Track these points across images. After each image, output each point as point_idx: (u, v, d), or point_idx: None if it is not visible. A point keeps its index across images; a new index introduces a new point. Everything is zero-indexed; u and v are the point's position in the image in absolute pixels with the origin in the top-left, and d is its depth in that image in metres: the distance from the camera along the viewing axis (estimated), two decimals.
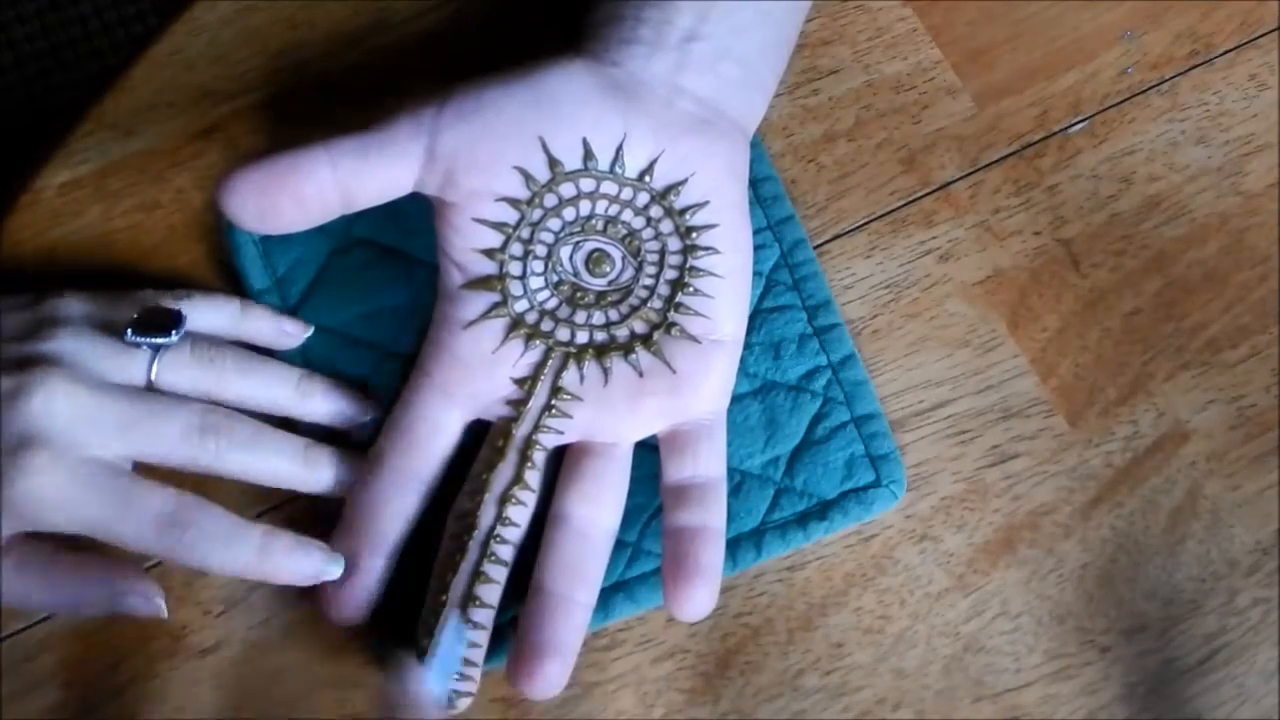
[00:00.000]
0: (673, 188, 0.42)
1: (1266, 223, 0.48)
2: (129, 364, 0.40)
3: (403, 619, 0.41)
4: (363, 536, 0.41)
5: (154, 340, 0.40)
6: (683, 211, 0.42)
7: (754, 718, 0.43)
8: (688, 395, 0.42)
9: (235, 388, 0.42)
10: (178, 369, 0.41)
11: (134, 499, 0.38)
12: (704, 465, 0.42)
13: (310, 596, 0.41)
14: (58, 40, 1.07)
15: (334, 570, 0.40)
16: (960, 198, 0.47)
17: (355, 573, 0.41)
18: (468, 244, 0.42)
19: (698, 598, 0.40)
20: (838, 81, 0.47)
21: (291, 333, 0.44)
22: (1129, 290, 0.47)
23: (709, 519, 0.41)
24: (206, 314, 0.42)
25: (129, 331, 0.40)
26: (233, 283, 0.45)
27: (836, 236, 0.47)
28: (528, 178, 0.41)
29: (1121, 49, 0.49)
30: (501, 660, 0.41)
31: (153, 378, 0.40)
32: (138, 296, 0.42)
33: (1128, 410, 0.46)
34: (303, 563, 0.40)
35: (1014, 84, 0.49)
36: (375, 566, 0.41)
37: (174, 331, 0.40)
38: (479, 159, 0.41)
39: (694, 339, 0.42)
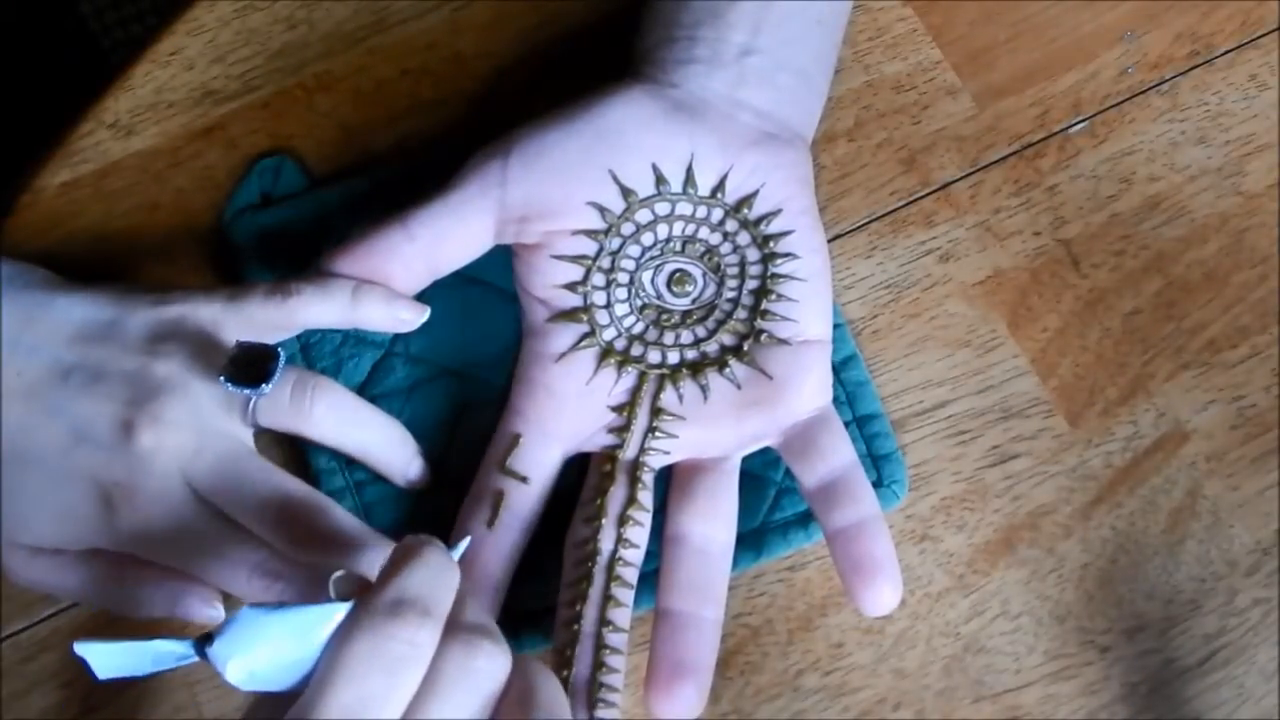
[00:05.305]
0: (746, 200, 0.42)
1: (1266, 223, 0.48)
2: (232, 403, 0.40)
3: None
4: (468, 579, 0.40)
5: (247, 390, 0.39)
6: (757, 222, 0.42)
7: (754, 718, 0.43)
8: (789, 398, 0.42)
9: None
10: (275, 415, 0.41)
11: None
12: (832, 458, 0.41)
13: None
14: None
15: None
16: (960, 198, 0.47)
17: None
18: (549, 280, 0.42)
19: (886, 594, 0.40)
20: (838, 82, 0.47)
21: (407, 318, 0.42)
22: (1129, 290, 0.47)
23: (862, 510, 0.41)
24: (317, 307, 0.41)
25: (224, 378, 0.38)
26: (231, 284, 0.45)
27: (836, 237, 0.47)
28: (603, 211, 0.42)
29: (1121, 49, 0.49)
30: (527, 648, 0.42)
31: (252, 423, 0.40)
32: (247, 303, 0.41)
33: (1128, 410, 0.46)
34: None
35: (1014, 84, 0.49)
36: (481, 604, 0.41)
37: (267, 382, 0.38)
38: (552, 203, 0.41)
39: (784, 342, 0.42)
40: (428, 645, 0.33)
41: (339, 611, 0.33)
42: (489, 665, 0.34)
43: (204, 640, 0.33)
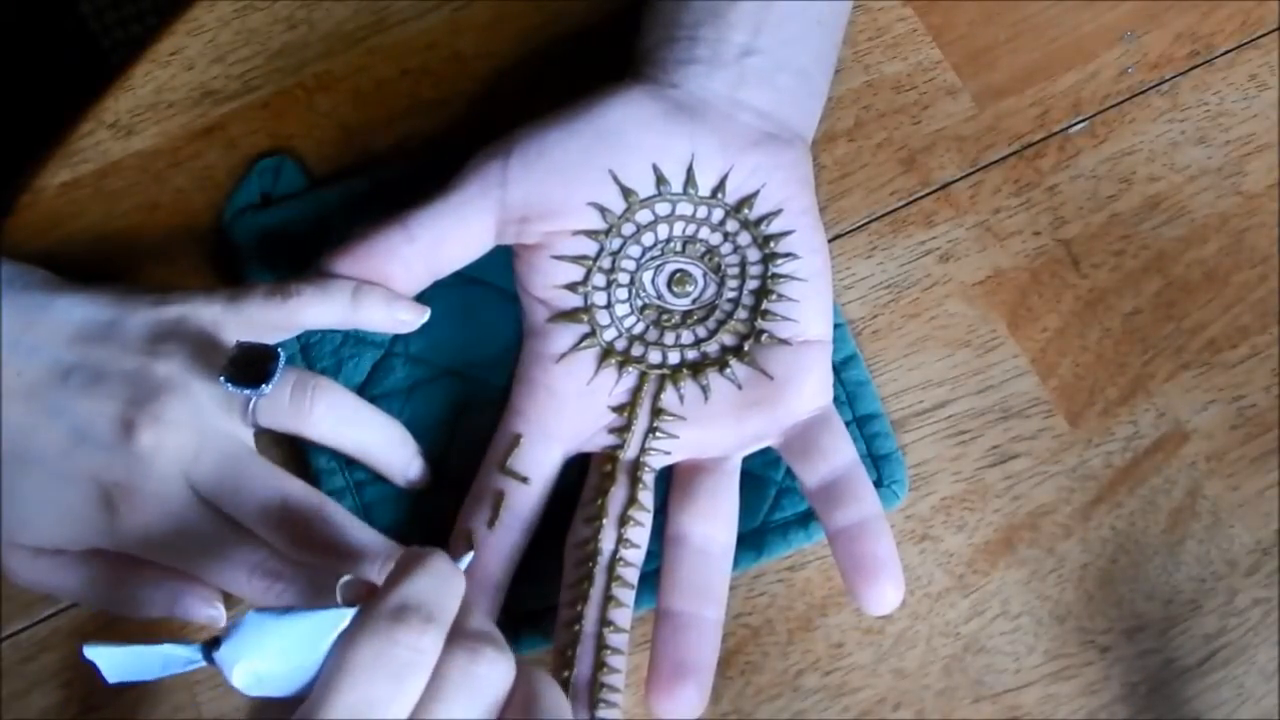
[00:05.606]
0: (746, 200, 0.42)
1: (1266, 223, 0.48)
2: (232, 404, 0.40)
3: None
4: (469, 581, 0.41)
5: (247, 391, 0.39)
6: (758, 222, 0.42)
7: (754, 718, 0.43)
8: (790, 398, 0.42)
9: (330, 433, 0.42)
10: (275, 415, 0.41)
11: None
12: (834, 458, 0.41)
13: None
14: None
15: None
16: (960, 198, 0.47)
17: None
18: (549, 281, 0.42)
19: (888, 593, 0.40)
20: (838, 82, 0.47)
21: (407, 319, 0.42)
22: (1129, 290, 0.47)
23: (864, 510, 0.41)
24: (317, 308, 0.41)
25: (224, 379, 0.38)
26: (231, 285, 0.45)
27: (837, 237, 0.47)
28: (603, 211, 0.42)
29: (1121, 49, 0.49)
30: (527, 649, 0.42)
31: (252, 423, 0.40)
32: (247, 304, 0.40)
33: (1128, 410, 0.46)
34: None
35: (1014, 84, 0.49)
36: (483, 607, 0.41)
37: (268, 382, 0.38)
38: (553, 204, 0.41)
39: (784, 342, 0.42)
40: (431, 651, 0.33)
41: (345, 617, 0.33)
42: (492, 672, 0.34)
43: (211, 644, 0.33)
